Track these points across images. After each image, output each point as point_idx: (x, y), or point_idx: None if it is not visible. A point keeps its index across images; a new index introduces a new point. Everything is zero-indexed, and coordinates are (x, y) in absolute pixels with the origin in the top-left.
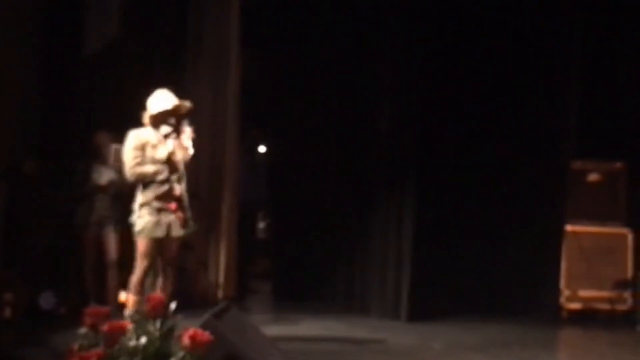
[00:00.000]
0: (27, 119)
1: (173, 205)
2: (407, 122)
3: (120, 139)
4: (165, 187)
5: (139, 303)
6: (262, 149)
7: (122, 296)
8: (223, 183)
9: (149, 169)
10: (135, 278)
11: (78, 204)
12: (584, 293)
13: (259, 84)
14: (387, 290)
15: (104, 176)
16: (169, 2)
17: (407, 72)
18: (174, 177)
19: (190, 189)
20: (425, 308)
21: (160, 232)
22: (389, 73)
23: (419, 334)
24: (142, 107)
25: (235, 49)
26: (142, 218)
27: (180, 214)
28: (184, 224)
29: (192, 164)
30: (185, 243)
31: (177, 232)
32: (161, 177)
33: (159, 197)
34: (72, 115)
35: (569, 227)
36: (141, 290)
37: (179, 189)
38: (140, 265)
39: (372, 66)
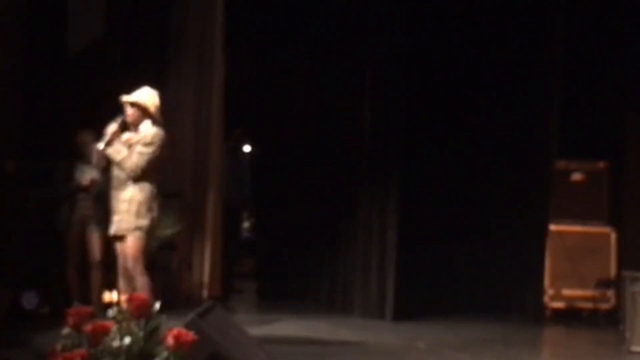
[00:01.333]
0: (8, 119)
1: None
2: (390, 122)
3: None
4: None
5: None
6: (246, 148)
7: (107, 296)
8: (207, 182)
9: None
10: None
11: (60, 203)
12: (567, 292)
13: (243, 82)
14: (371, 290)
15: (87, 175)
16: (152, 0)
17: (390, 72)
18: None
19: (174, 188)
20: (409, 308)
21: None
22: (373, 73)
23: (403, 334)
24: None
25: (219, 47)
26: (146, 218)
27: None
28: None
29: (176, 163)
30: (168, 243)
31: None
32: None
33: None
34: (54, 115)
35: (552, 227)
36: None
37: None
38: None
39: (355, 66)
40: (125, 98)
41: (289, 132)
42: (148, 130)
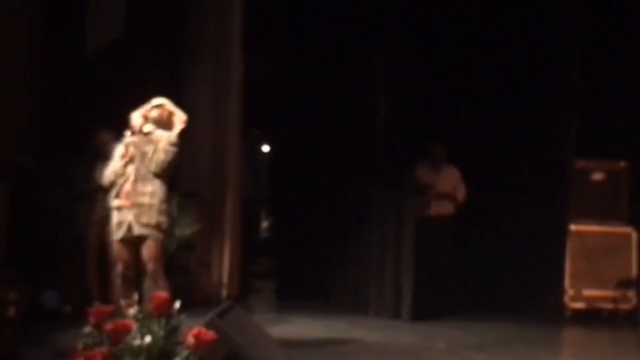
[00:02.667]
0: (28, 118)
1: None
2: (406, 121)
3: (122, 136)
4: None
5: None
6: (264, 148)
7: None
8: (225, 182)
9: None
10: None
11: (80, 203)
12: (587, 292)
13: (261, 82)
14: (386, 290)
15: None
16: (170, 1)
17: (405, 71)
18: None
19: (192, 188)
20: (426, 307)
21: None
22: (389, 71)
23: (420, 334)
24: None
25: (237, 47)
26: (166, 217)
27: None
28: None
29: (194, 163)
30: (187, 242)
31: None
32: None
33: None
34: (74, 114)
35: (572, 227)
36: None
37: None
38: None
39: (372, 66)
40: (157, 100)
41: (307, 132)
42: (168, 133)
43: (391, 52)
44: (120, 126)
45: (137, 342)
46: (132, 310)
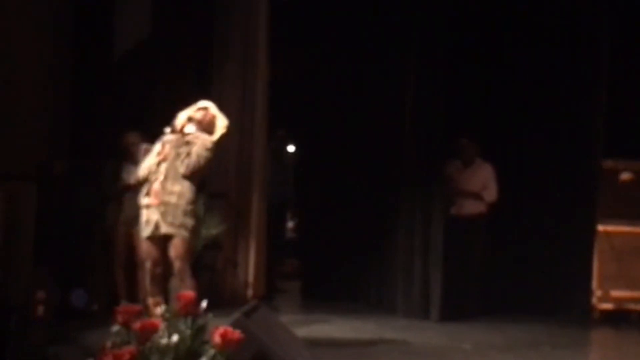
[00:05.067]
0: (56, 120)
1: None
2: (433, 121)
3: (150, 138)
4: None
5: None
6: (290, 148)
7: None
8: (251, 183)
9: None
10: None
11: (108, 203)
12: (616, 293)
13: (287, 84)
14: (414, 290)
15: (134, 176)
16: (197, 3)
17: (433, 72)
18: None
19: (219, 188)
20: (455, 308)
21: None
22: (416, 73)
23: (448, 334)
24: (172, 107)
25: (263, 49)
26: (192, 218)
27: None
28: None
29: (221, 163)
30: (213, 242)
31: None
32: None
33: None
34: (102, 115)
35: (600, 227)
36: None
37: None
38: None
39: (399, 67)
40: (202, 103)
41: (333, 132)
42: (206, 136)
43: (420, 50)
44: (147, 128)
45: (164, 341)
46: (159, 310)
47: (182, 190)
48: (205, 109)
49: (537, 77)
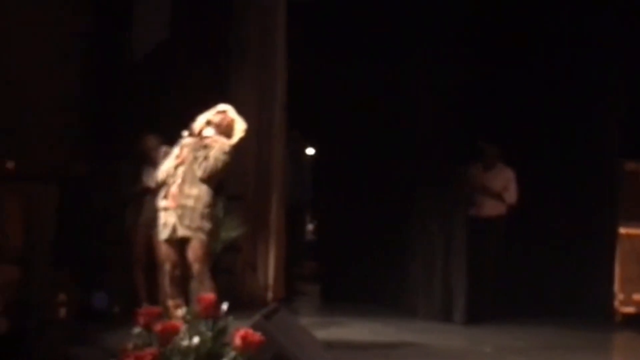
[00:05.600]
0: (75, 122)
1: None
2: (453, 121)
3: (168, 141)
4: None
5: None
6: (308, 150)
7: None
8: (270, 185)
9: None
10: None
11: (127, 205)
12: (638, 297)
13: (304, 85)
14: (435, 293)
15: (153, 178)
16: (214, 5)
17: (451, 73)
18: None
19: (237, 190)
20: (476, 311)
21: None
22: (435, 73)
23: (468, 337)
24: (190, 110)
25: (281, 50)
26: (209, 221)
27: None
28: None
29: (239, 166)
30: (232, 245)
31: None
32: None
33: None
34: (120, 118)
35: (622, 230)
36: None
37: None
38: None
39: (417, 66)
40: (221, 106)
41: (351, 134)
42: (224, 140)
43: (439, 50)
44: (166, 130)
45: (185, 342)
46: (180, 312)
47: (199, 193)
48: (223, 112)
49: (558, 78)
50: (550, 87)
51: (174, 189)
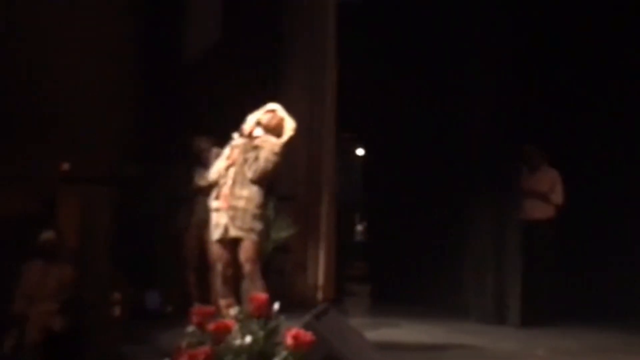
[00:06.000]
0: (128, 124)
1: None
2: (506, 120)
3: (219, 142)
4: None
5: None
6: (358, 151)
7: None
8: (320, 186)
9: None
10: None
11: (179, 206)
12: None
13: (355, 86)
14: (487, 294)
15: (205, 179)
16: (264, 6)
17: (504, 72)
18: None
19: (288, 191)
20: (534, 313)
21: None
22: (488, 72)
23: (520, 340)
24: (242, 111)
25: (331, 51)
26: (261, 222)
27: None
28: None
29: (290, 166)
30: (283, 246)
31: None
32: None
33: None
34: (172, 120)
35: None
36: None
37: None
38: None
39: (467, 66)
40: (270, 105)
41: (401, 135)
42: (274, 140)
43: (491, 51)
44: (216, 131)
45: (238, 342)
46: (232, 311)
47: (250, 194)
48: (273, 111)
49: (607, 80)
50: (602, 88)
51: (225, 190)
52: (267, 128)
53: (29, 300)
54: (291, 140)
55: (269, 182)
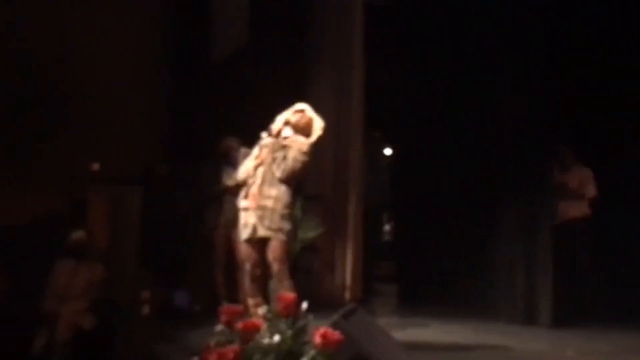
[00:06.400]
0: (157, 124)
1: None
2: (538, 121)
3: (248, 142)
4: None
5: None
6: (386, 151)
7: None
8: (348, 185)
9: None
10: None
11: (208, 206)
12: None
13: (383, 85)
14: (517, 295)
15: (233, 178)
16: (292, 6)
17: (536, 71)
18: None
19: (315, 191)
20: (566, 314)
21: None
22: (516, 71)
23: (550, 341)
24: (270, 110)
25: (359, 50)
26: (289, 222)
27: None
28: None
29: (317, 166)
30: (310, 245)
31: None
32: None
33: None
34: (201, 120)
35: None
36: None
37: None
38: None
39: (497, 65)
40: (298, 105)
41: (430, 135)
42: (303, 140)
43: (521, 48)
44: (245, 131)
45: (266, 341)
46: (260, 310)
47: (278, 194)
48: (301, 111)
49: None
50: (633, 87)
51: (253, 189)
52: (296, 128)
53: (60, 299)
54: (319, 140)
55: (297, 181)
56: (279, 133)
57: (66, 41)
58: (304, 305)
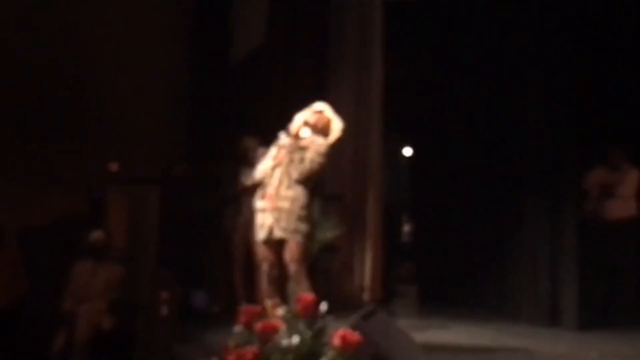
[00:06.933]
0: (176, 125)
1: None
2: (562, 122)
3: (266, 142)
4: None
5: None
6: (405, 151)
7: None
8: (367, 186)
9: None
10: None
11: (226, 206)
12: None
13: (403, 85)
14: (540, 296)
15: (250, 178)
16: (311, 6)
17: (559, 69)
18: None
19: (334, 191)
20: (593, 316)
21: None
22: (540, 70)
23: (573, 343)
24: (289, 110)
25: (378, 52)
26: (306, 223)
27: None
28: None
29: (336, 166)
30: (329, 246)
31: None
32: None
33: None
34: (219, 120)
35: None
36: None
37: None
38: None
39: (519, 64)
40: (317, 105)
41: (449, 135)
42: (321, 141)
43: (545, 48)
44: (263, 131)
45: (285, 342)
46: (279, 311)
47: (295, 195)
48: (320, 112)
49: None
50: None
51: (270, 190)
52: (314, 128)
53: (79, 299)
54: (338, 141)
55: (314, 182)
56: (297, 133)
57: (86, 42)
58: (324, 306)
